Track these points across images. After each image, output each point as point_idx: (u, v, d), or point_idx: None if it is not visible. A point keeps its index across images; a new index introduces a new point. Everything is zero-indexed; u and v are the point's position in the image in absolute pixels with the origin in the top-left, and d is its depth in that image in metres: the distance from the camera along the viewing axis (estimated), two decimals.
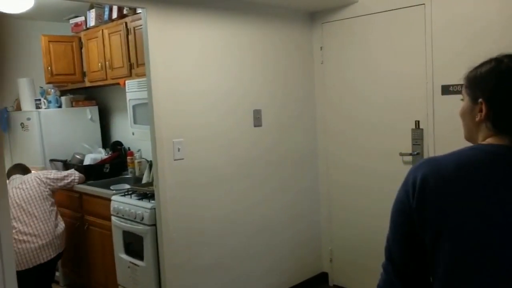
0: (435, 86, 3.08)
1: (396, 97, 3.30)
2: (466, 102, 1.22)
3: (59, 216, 3.56)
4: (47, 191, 3.50)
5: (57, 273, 3.90)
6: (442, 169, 1.11)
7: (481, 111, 1.16)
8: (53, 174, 3.65)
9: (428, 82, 3.10)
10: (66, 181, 3.67)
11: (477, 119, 1.17)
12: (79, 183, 3.75)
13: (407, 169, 3.35)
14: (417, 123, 3.20)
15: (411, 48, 3.20)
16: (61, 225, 3.52)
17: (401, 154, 3.27)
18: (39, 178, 3.52)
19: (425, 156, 3.17)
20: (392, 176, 3.35)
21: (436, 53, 3.06)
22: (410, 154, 3.23)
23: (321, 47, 3.69)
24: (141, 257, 3.00)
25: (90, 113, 4.39)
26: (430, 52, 3.09)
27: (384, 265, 1.24)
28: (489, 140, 1.15)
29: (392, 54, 3.31)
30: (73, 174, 3.76)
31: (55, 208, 3.54)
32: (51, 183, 3.55)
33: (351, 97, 3.56)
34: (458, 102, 3.17)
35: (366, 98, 3.47)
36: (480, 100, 1.15)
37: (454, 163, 1.12)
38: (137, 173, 3.92)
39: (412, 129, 3.22)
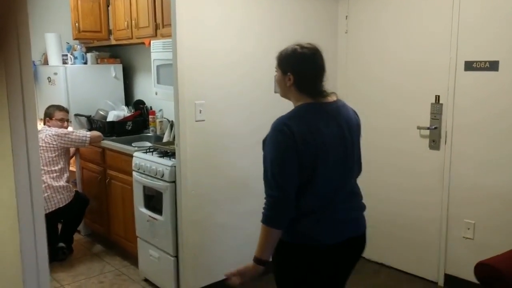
0: (458, 62, 3.07)
1: (418, 71, 3.30)
2: (279, 74, 1.88)
3: (65, 175, 3.67)
4: (53, 147, 3.59)
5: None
6: (302, 121, 1.77)
7: (289, 80, 1.82)
8: (59, 130, 3.70)
9: (452, 57, 3.10)
10: (68, 138, 3.66)
11: (288, 85, 1.84)
12: (92, 141, 3.78)
13: (423, 142, 3.39)
14: (437, 97, 3.21)
15: (437, 21, 3.18)
16: (62, 182, 3.62)
17: (419, 128, 3.30)
18: (49, 135, 3.62)
19: (443, 130, 3.19)
20: (408, 149, 3.40)
21: (462, 28, 3.04)
22: (428, 128, 3.26)
23: (346, 16, 3.67)
24: (159, 212, 3.13)
25: (114, 70, 4.48)
26: (456, 27, 3.07)
27: (273, 195, 1.78)
28: (305, 100, 1.83)
29: (417, 26, 3.29)
30: (79, 133, 3.76)
31: (61, 166, 3.64)
32: (54, 141, 3.61)
33: (372, 68, 3.58)
34: (480, 79, 3.17)
35: (387, 69, 3.48)
36: (289, 74, 1.83)
37: (302, 116, 1.79)
38: (158, 132, 4.03)
39: (432, 104, 3.24)
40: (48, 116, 3.81)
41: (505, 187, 2.95)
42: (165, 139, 3.72)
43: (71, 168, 4.16)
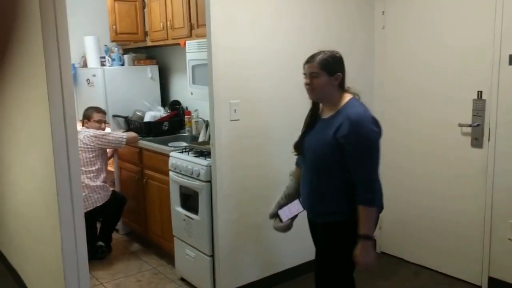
0: (502, 55, 2.94)
1: (459, 66, 3.19)
2: (324, 77, 2.10)
3: (102, 175, 3.74)
4: (90, 147, 3.67)
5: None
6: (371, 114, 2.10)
7: (336, 79, 2.12)
8: (97, 131, 3.77)
9: (495, 51, 2.97)
10: (105, 140, 3.74)
11: (335, 84, 2.12)
12: (129, 142, 3.86)
13: (465, 139, 3.27)
14: (480, 93, 3.09)
15: (478, 14, 3.05)
16: (98, 182, 3.69)
17: (460, 125, 3.18)
18: (87, 136, 3.69)
19: (486, 128, 3.07)
20: (449, 146, 3.29)
21: (507, 20, 2.91)
22: (470, 125, 3.14)
23: (383, 12, 3.59)
24: (196, 211, 3.15)
25: (150, 72, 4.54)
26: (500, 19, 2.94)
27: (375, 179, 2.06)
28: (346, 95, 2.16)
29: (457, 20, 3.17)
30: (116, 134, 3.85)
31: (98, 166, 3.72)
32: (92, 142, 3.68)
33: (411, 64, 3.48)
34: None
35: (427, 65, 3.38)
36: (338, 73, 2.12)
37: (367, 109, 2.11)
38: (193, 132, 4.05)
39: (474, 100, 3.12)
40: (87, 117, 3.90)
41: None
42: (200, 139, 3.74)
43: (109, 168, 4.25)
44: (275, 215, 2.39)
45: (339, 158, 2.04)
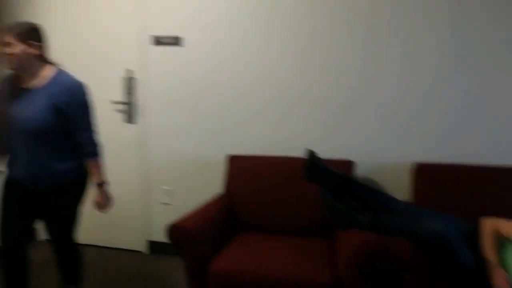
0: (148, 37, 3.16)
1: (108, 46, 3.25)
2: (22, 48, 2.04)
3: None
4: None
5: None
6: None
7: (34, 49, 2.08)
8: None
9: (141, 32, 3.16)
10: None
11: (33, 54, 2.08)
12: None
13: (119, 116, 3.35)
14: (129, 72, 3.24)
15: None
16: None
17: (113, 102, 3.27)
18: None
19: (138, 105, 3.26)
20: (105, 122, 3.29)
21: (150, 4, 3.12)
22: (122, 103, 3.27)
23: None
24: None
25: None
26: (145, 2, 3.13)
27: (97, 136, 2.29)
28: (52, 66, 2.18)
29: (106, 3, 3.22)
30: None
31: None
32: None
33: (67, 42, 3.34)
34: (168, 54, 3.31)
35: (76, 45, 3.31)
36: (34, 43, 2.08)
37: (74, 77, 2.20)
38: None
39: (124, 78, 3.25)
40: None
41: (194, 153, 3.24)
42: None
43: None
44: None
45: (61, 123, 2.11)
